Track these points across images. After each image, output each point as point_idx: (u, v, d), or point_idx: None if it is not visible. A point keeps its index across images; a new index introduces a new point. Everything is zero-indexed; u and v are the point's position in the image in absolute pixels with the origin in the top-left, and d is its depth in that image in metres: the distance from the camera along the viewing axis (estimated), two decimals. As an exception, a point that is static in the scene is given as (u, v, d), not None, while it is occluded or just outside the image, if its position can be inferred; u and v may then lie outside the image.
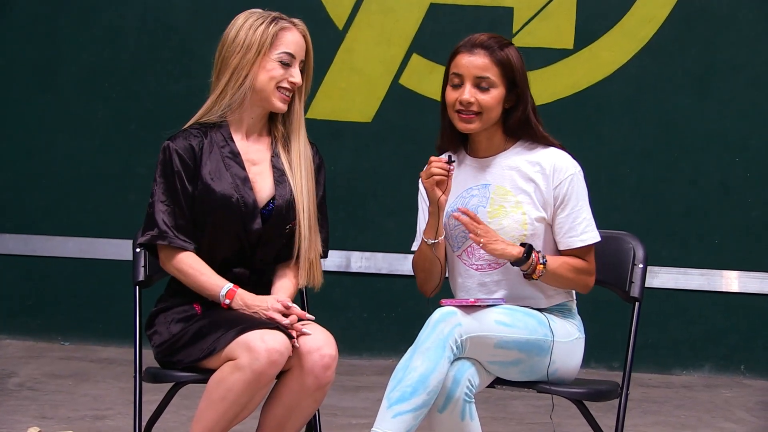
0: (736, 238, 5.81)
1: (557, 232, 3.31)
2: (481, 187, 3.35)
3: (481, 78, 3.27)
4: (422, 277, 3.39)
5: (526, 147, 3.35)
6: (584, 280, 3.32)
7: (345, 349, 4.47)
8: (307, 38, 3.34)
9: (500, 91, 3.28)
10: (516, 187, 3.31)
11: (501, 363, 3.19)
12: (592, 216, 3.33)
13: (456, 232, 3.34)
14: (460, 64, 3.29)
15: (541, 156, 3.33)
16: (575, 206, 3.30)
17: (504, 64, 3.28)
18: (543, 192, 3.30)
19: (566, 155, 3.34)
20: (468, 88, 3.27)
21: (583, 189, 3.33)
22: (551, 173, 3.30)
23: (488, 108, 3.27)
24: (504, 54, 3.28)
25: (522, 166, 3.33)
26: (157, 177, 3.28)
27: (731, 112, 5.80)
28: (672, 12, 5.77)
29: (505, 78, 3.29)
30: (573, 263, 3.29)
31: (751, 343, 5.81)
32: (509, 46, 3.31)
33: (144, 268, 3.43)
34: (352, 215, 5.85)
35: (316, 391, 3.18)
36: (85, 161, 5.88)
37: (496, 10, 5.79)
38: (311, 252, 3.32)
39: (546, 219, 3.31)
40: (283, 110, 3.32)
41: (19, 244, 5.89)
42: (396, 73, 5.84)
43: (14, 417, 4.50)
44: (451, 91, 3.31)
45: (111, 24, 5.86)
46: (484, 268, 3.32)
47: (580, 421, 3.59)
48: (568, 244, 3.30)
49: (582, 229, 3.30)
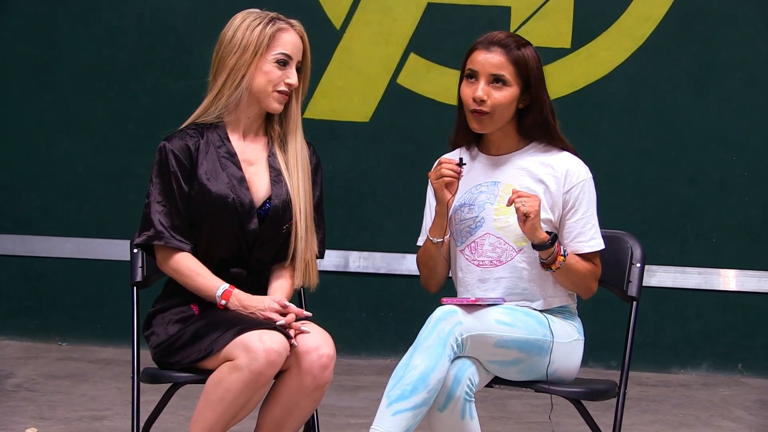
0: (734, 237, 5.81)
1: (566, 236, 3.32)
2: (490, 185, 3.35)
3: (496, 75, 3.28)
4: (426, 273, 3.41)
5: (540, 149, 3.36)
6: (590, 284, 3.33)
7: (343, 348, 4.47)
8: (305, 39, 3.34)
9: (514, 90, 3.29)
10: (525, 187, 3.31)
11: (500, 362, 3.19)
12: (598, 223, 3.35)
13: (461, 227, 3.35)
14: (476, 61, 3.30)
15: (554, 159, 3.34)
16: (586, 212, 3.32)
17: (519, 64, 3.29)
18: (553, 194, 3.31)
19: (579, 161, 3.35)
20: (482, 84, 3.28)
21: (593, 196, 3.35)
22: (563, 177, 3.31)
23: (500, 106, 3.28)
24: (520, 53, 3.29)
25: (533, 168, 3.34)
26: (154, 177, 3.28)
27: (729, 110, 5.80)
28: (669, 10, 5.77)
29: (519, 77, 3.29)
30: (587, 265, 3.31)
31: (749, 341, 5.81)
32: (527, 46, 3.32)
33: (142, 269, 3.43)
34: (350, 215, 5.85)
35: (314, 391, 3.17)
36: (83, 161, 5.88)
37: (493, 10, 5.79)
38: (307, 252, 3.32)
39: (552, 221, 3.31)
40: (279, 111, 3.32)
41: (17, 244, 5.89)
42: (394, 72, 5.84)
43: (12, 418, 4.50)
44: (466, 86, 3.31)
45: (110, 24, 5.86)
46: (485, 264, 3.33)
47: (578, 421, 3.59)
48: (575, 248, 3.31)
49: (591, 235, 3.32)
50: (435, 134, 5.75)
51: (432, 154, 3.45)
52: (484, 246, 3.32)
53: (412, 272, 5.74)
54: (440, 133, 5.81)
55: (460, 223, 3.36)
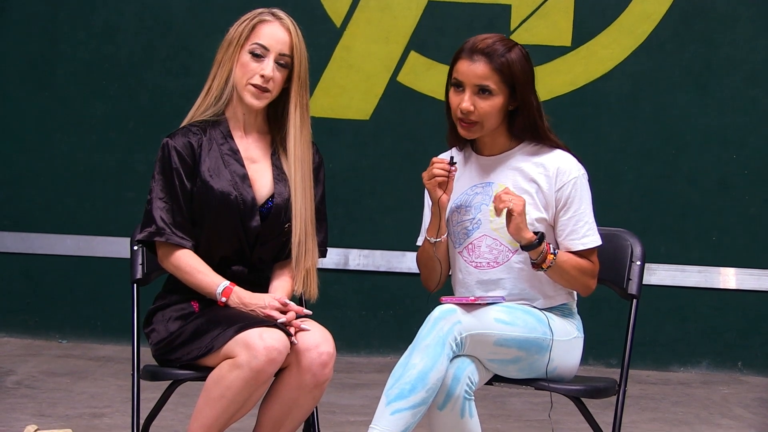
0: (734, 236, 5.81)
1: (559, 233, 3.32)
2: (484, 185, 3.35)
3: (481, 86, 3.27)
4: (425, 273, 3.41)
5: (531, 148, 3.36)
6: (587, 281, 3.32)
7: (343, 346, 4.47)
8: (293, 33, 3.28)
9: (500, 98, 3.28)
10: (518, 187, 3.31)
11: (500, 361, 3.19)
12: (594, 219, 3.33)
13: (458, 229, 3.35)
14: (460, 71, 3.29)
15: (545, 158, 3.33)
16: (578, 209, 3.30)
17: (504, 72, 3.26)
18: (545, 193, 3.31)
19: (571, 158, 3.34)
20: (468, 95, 3.27)
21: (586, 192, 3.33)
22: (554, 175, 3.31)
23: (487, 116, 3.28)
24: (504, 60, 3.26)
25: (525, 167, 3.33)
26: (156, 174, 3.27)
27: (729, 109, 5.80)
28: (670, 9, 5.77)
29: (505, 84, 3.28)
30: (580, 262, 3.29)
31: (749, 339, 5.81)
32: (512, 50, 3.28)
33: (142, 266, 3.42)
34: (350, 213, 5.85)
35: (314, 389, 3.17)
36: (82, 158, 5.88)
37: (493, 8, 5.79)
38: (307, 260, 3.30)
39: (547, 220, 3.31)
40: (257, 106, 3.28)
41: (16, 241, 5.89)
42: (394, 70, 5.84)
43: (12, 415, 4.50)
44: (454, 95, 3.31)
45: (109, 21, 5.86)
46: (483, 266, 3.33)
47: (578, 418, 3.59)
48: (568, 246, 3.30)
49: (584, 232, 3.30)
50: (435, 132, 5.73)
51: (432, 152, 3.45)
52: (481, 247, 3.32)
53: (412, 270, 5.74)
54: (440, 130, 5.81)
55: (458, 225, 3.36)
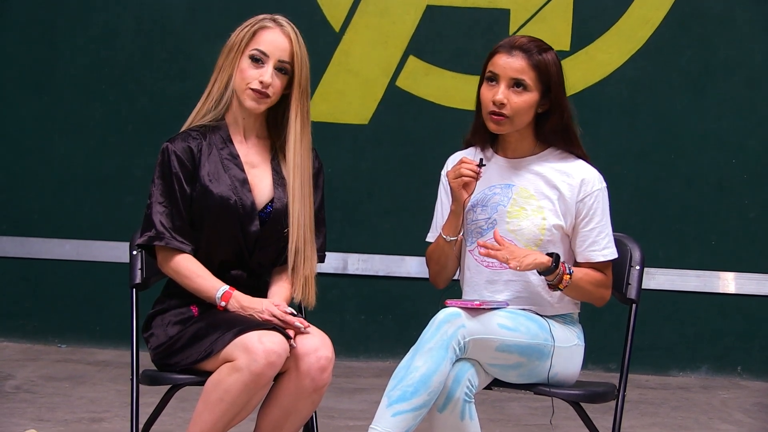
0: (733, 240, 5.81)
1: (579, 244, 3.32)
2: (504, 187, 3.36)
3: (517, 80, 3.27)
4: (436, 269, 3.40)
5: (557, 155, 3.37)
6: (602, 293, 3.34)
7: (342, 351, 4.47)
8: (294, 40, 3.29)
9: (534, 95, 3.29)
10: (539, 192, 3.32)
11: (501, 366, 3.19)
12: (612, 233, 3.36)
13: (473, 227, 3.35)
14: (497, 64, 3.30)
15: (570, 166, 3.35)
16: (600, 221, 3.32)
17: (540, 69, 3.28)
18: (567, 201, 3.31)
19: (594, 170, 3.37)
20: (502, 88, 3.28)
21: (607, 205, 3.36)
22: (578, 185, 3.32)
23: (519, 111, 3.28)
24: (542, 58, 3.28)
25: (549, 173, 3.34)
26: (156, 178, 3.28)
27: (728, 113, 5.80)
28: (668, 14, 5.78)
29: (540, 82, 3.29)
30: (594, 276, 3.31)
31: (748, 344, 5.81)
32: (548, 51, 3.31)
33: (141, 271, 3.42)
34: (349, 217, 5.84)
35: (312, 393, 3.17)
36: (81, 163, 5.87)
37: (492, 12, 5.79)
38: (306, 268, 3.30)
39: (564, 228, 3.31)
40: (257, 109, 3.29)
41: (15, 246, 5.89)
42: (393, 75, 5.84)
43: (11, 419, 4.50)
44: (487, 89, 3.31)
45: (107, 25, 5.86)
46: (494, 266, 3.32)
47: (578, 423, 3.59)
48: (588, 257, 3.31)
49: (605, 244, 3.32)
50: (434, 137, 5.76)
51: (431, 157, 3.45)
52: None
53: (411, 274, 5.74)
54: (439, 135, 5.85)
55: (472, 223, 3.36)
